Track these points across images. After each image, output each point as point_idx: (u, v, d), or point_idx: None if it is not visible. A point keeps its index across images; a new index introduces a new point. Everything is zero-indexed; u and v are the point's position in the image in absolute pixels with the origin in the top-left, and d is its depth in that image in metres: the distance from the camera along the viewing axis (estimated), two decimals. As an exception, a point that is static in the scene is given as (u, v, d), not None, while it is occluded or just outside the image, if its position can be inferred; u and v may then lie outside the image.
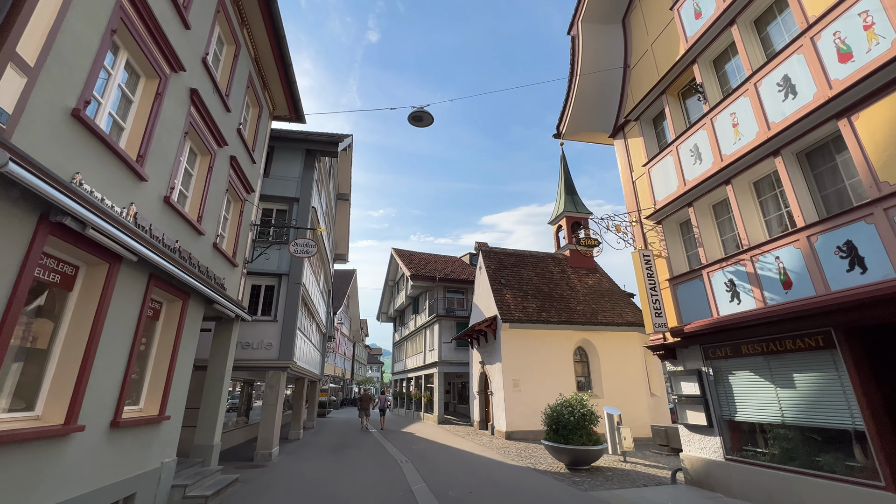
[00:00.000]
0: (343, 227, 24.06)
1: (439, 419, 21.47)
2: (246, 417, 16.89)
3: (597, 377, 16.66)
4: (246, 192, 9.07)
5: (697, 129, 7.36)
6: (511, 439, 14.66)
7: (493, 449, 12.56)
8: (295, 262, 12.31)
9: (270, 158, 13.48)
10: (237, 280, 8.92)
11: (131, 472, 5.18)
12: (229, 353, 8.52)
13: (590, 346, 17.02)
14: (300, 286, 12.17)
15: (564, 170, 22.55)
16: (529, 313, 16.61)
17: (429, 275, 24.75)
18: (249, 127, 9.69)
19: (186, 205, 6.79)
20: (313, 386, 21.72)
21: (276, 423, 10.81)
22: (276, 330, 11.64)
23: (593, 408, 9.60)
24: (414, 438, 15.65)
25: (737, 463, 6.50)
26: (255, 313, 11.92)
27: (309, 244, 9.82)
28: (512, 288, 17.88)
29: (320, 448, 13.16)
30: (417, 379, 26.93)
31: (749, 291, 6.22)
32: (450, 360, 22.65)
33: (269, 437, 10.64)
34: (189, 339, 6.70)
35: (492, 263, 18.99)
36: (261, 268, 12.08)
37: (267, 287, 12.27)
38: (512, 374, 15.62)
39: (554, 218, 21.77)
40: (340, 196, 22.85)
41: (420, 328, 26.45)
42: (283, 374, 11.45)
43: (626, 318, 17.61)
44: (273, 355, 11.38)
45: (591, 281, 19.54)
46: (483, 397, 18.43)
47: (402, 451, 12.40)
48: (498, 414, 15.77)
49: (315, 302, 16.86)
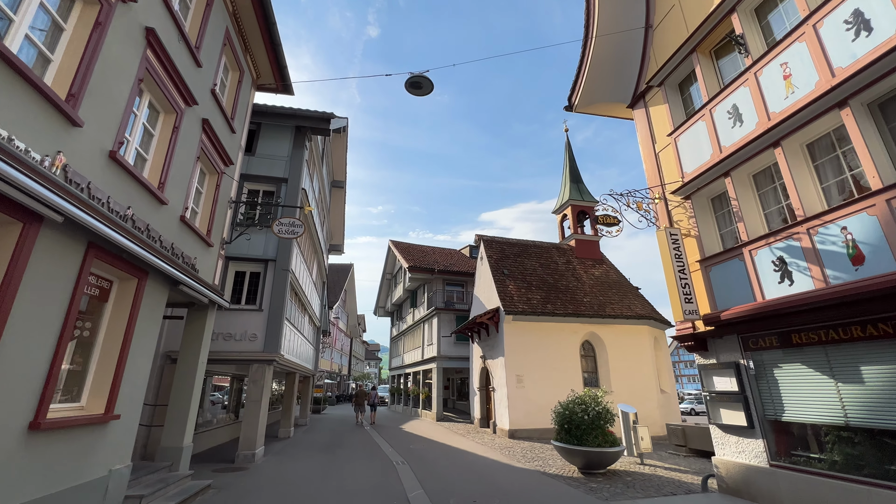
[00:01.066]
0: (338, 216, 23.07)
1: (438, 416, 20.61)
2: (235, 415, 15.98)
3: (604, 373, 15.77)
4: (223, 163, 8.08)
5: (737, 86, 6.41)
6: (515, 438, 13.78)
7: (497, 449, 11.66)
8: (283, 247, 11.35)
9: (257, 136, 12.49)
10: (213, 262, 7.96)
11: (63, 485, 4.24)
12: (203, 344, 7.56)
13: (597, 339, 16.13)
14: (288, 273, 11.21)
15: (569, 157, 21.60)
16: (534, 305, 15.70)
17: (427, 267, 23.81)
18: (228, 93, 8.69)
19: (146, 169, 5.81)
20: (306, 381, 20.81)
21: (260, 420, 9.88)
22: (261, 320, 10.69)
23: (609, 405, 8.70)
24: (411, 437, 14.76)
25: (786, 470, 5.59)
26: (238, 302, 10.97)
27: (295, 224, 8.85)
28: (515, 279, 16.96)
29: (311, 447, 12.25)
30: (415, 374, 26.05)
31: (805, 270, 5.29)
32: (449, 354, 21.75)
33: (253, 437, 9.71)
34: (148, 326, 5.74)
35: (494, 253, 18.05)
36: (245, 252, 11.13)
37: (252, 274, 11.31)
38: (515, 369, 14.72)
39: (558, 207, 20.82)
40: (335, 183, 21.85)
41: (418, 322, 25.54)
42: (269, 368, 10.50)
43: (635, 311, 16.71)
44: (257, 347, 10.43)
45: (597, 272, 18.63)
46: (484, 394, 17.54)
47: (398, 451, 11.50)
48: (500, 411, 14.89)
49: (307, 293, 15.90)
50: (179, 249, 6.41)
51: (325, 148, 17.63)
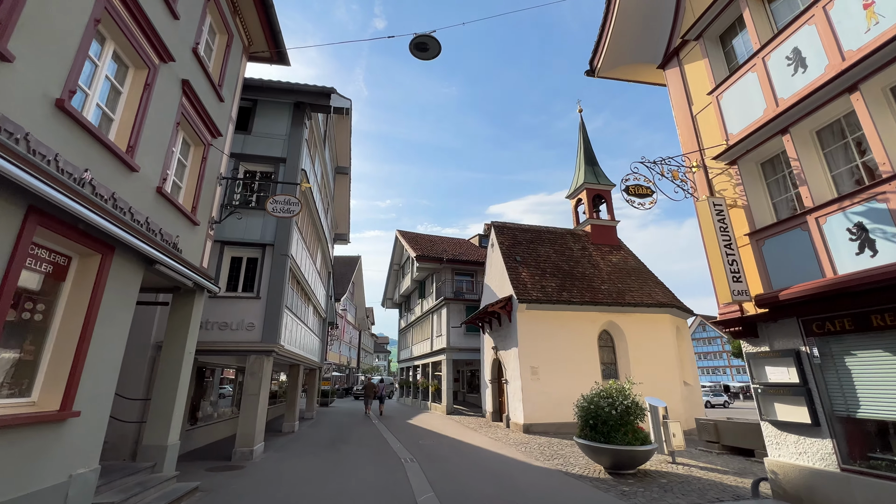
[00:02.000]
0: (343, 204, 22.33)
1: (448, 409, 19.93)
2: (239, 408, 15.44)
3: (624, 364, 14.90)
4: (210, 134, 7.31)
5: (799, 26, 5.45)
6: (530, 433, 13.01)
7: (512, 445, 10.91)
8: (281, 230, 10.61)
9: (253, 114, 11.73)
10: (200, 242, 7.22)
11: (7, 494, 3.54)
12: (189, 333, 6.86)
13: (616, 329, 15.24)
14: (287, 258, 10.48)
15: (584, 138, 20.55)
16: (549, 293, 14.83)
17: (435, 256, 23.03)
18: (216, 57, 7.89)
19: (112, 130, 5.06)
20: (312, 374, 20.26)
21: (258, 415, 9.22)
22: (258, 308, 9.99)
23: (637, 398, 7.85)
24: (420, 431, 14.08)
25: (863, 476, 4.72)
26: (234, 289, 10.29)
27: (291, 202, 8.08)
28: (528, 265, 16.09)
29: (315, 443, 11.61)
30: (424, 367, 25.40)
31: (893, 237, 4.37)
32: (459, 346, 21.01)
33: (251, 433, 9.05)
34: (117, 311, 5.01)
35: (505, 240, 17.18)
36: (242, 236, 10.42)
37: (249, 260, 10.61)
38: (530, 360, 13.91)
39: (573, 191, 19.83)
40: (339, 170, 21.06)
41: (427, 313, 24.82)
42: (268, 360, 9.82)
43: (656, 299, 15.77)
44: (255, 337, 9.75)
45: (615, 258, 17.68)
46: (496, 386, 16.79)
47: (406, 447, 10.80)
48: (514, 405, 14.12)
49: (310, 282, 15.21)
50: (157, 225, 5.67)
51: (327, 131, 16.83)
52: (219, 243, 10.26)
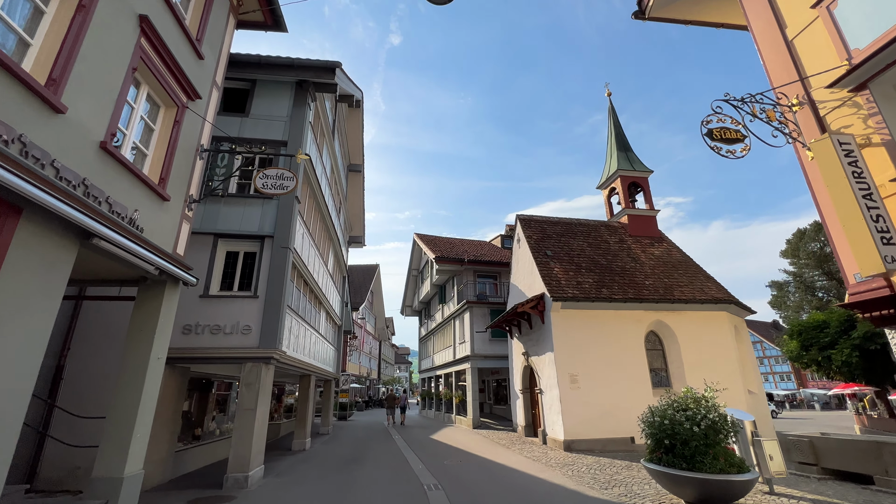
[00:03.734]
0: (356, 204, 21.15)
1: (475, 423, 18.20)
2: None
3: (677, 369, 12.96)
4: (184, 93, 6.08)
5: None
6: (572, 451, 11.22)
7: (554, 467, 9.18)
8: (282, 220, 9.34)
9: (251, 95, 10.61)
10: (171, 223, 5.94)
11: None
12: (157, 334, 5.53)
13: (665, 329, 13.34)
14: (288, 251, 9.17)
15: (614, 123, 18.85)
16: (586, 290, 13.10)
17: (456, 257, 21.53)
18: (194, 8, 6.70)
19: (28, 57, 3.81)
20: (328, 386, 18.90)
21: (255, 434, 7.82)
22: (256, 309, 8.68)
23: (721, 409, 6.09)
24: (445, 448, 12.45)
25: None
26: (230, 288, 9.02)
27: (284, 176, 6.76)
28: (560, 260, 14.40)
29: (325, 464, 10.14)
30: (447, 376, 23.74)
31: None
32: (484, 353, 19.33)
33: (245, 455, 7.65)
34: (29, 297, 3.68)
35: (533, 233, 15.56)
36: (237, 228, 9.20)
37: (247, 255, 9.35)
38: (568, 366, 12.16)
39: (605, 180, 18.09)
40: (352, 167, 19.94)
41: (448, 319, 23.26)
42: (268, 368, 8.47)
43: (710, 294, 13.81)
44: (251, 342, 8.41)
45: (657, 251, 15.80)
46: (529, 396, 15.03)
47: (429, 469, 9.22)
48: (551, 418, 12.35)
49: (321, 285, 13.93)
50: (100, 191, 4.38)
51: (336, 121, 15.69)
52: (211, 236, 9.07)
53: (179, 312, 8.31)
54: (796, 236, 33.54)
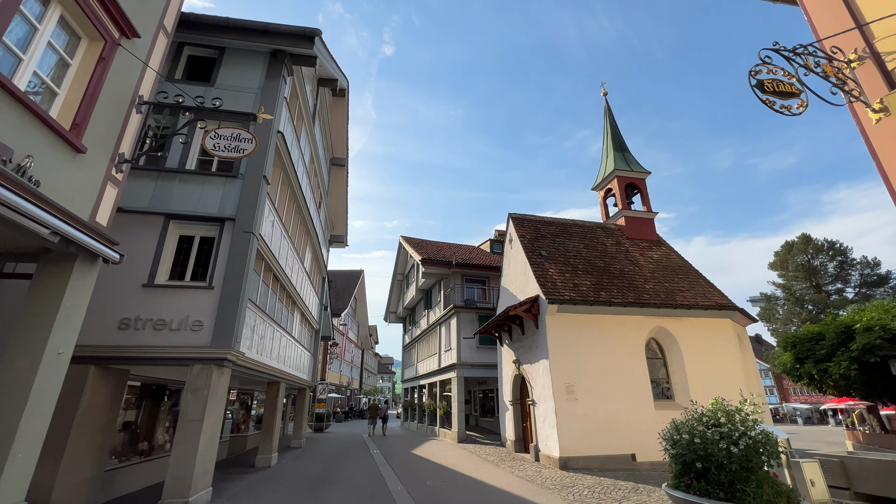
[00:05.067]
0: (339, 201, 19.96)
1: (460, 436, 16.94)
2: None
3: (679, 380, 12.04)
4: (116, 27, 4.92)
5: None
6: (568, 469, 10.11)
7: (552, 489, 8.05)
8: (246, 200, 8.15)
9: (219, 63, 9.47)
10: (89, 182, 4.72)
11: None
12: (58, 322, 4.27)
13: (667, 337, 12.44)
14: (252, 236, 7.97)
15: (610, 122, 18.19)
16: (583, 292, 12.14)
17: (443, 260, 20.44)
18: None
19: None
20: (302, 395, 17.45)
21: (199, 451, 6.52)
22: (209, 301, 7.42)
23: (758, 421, 5.08)
24: (427, 465, 11.21)
25: None
26: (181, 277, 7.76)
27: (241, 137, 5.62)
28: (556, 261, 13.45)
29: (290, 485, 8.82)
30: (431, 386, 22.46)
31: None
32: (471, 361, 18.17)
33: (186, 477, 6.33)
34: None
35: (526, 233, 14.61)
36: (193, 208, 7.98)
37: (204, 240, 8.11)
38: (564, 375, 11.12)
39: (600, 181, 17.33)
40: (335, 161, 18.81)
41: (433, 325, 22.07)
42: (221, 372, 7.19)
43: (713, 300, 13.00)
44: (202, 340, 7.14)
45: (656, 255, 15.00)
46: (519, 408, 13.91)
47: (410, 493, 8.00)
48: (545, 432, 11.24)
49: (295, 282, 12.67)
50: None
51: (318, 108, 14.60)
52: (161, 216, 7.82)
53: (117, 304, 7.05)
54: (784, 249, 33.51)
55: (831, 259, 31.62)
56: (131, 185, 7.88)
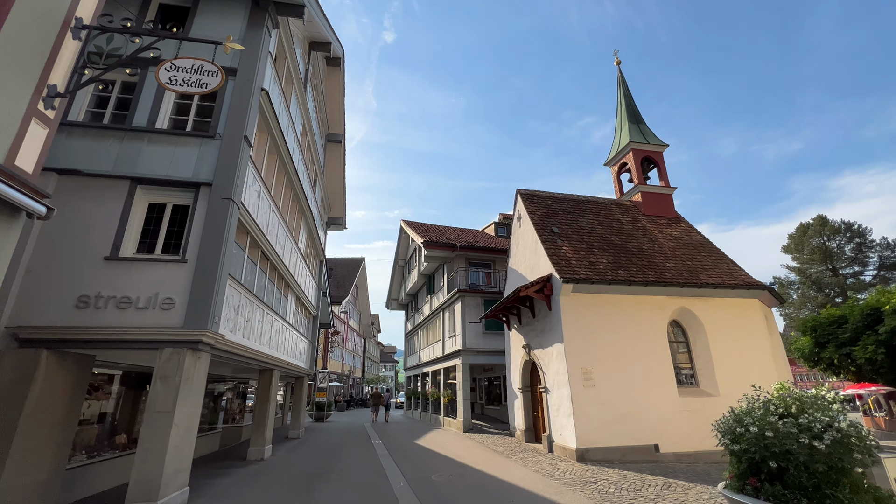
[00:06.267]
0: (336, 180, 18.91)
1: (466, 426, 16.16)
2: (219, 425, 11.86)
3: (704, 365, 11.12)
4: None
5: None
6: (585, 461, 9.26)
7: (573, 486, 7.18)
8: (225, 163, 7.15)
9: (193, 12, 8.40)
10: (11, 115, 3.74)
11: None
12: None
13: (690, 319, 11.49)
14: (232, 204, 6.99)
15: (625, 93, 17.02)
16: (600, 271, 11.17)
17: (446, 242, 19.46)
18: None
19: None
20: (300, 383, 16.66)
21: (170, 448, 5.64)
22: (182, 276, 6.48)
23: (842, 412, 4.14)
24: (433, 457, 10.38)
25: None
26: (151, 250, 6.81)
27: (204, 69, 4.62)
28: (569, 238, 12.46)
29: (282, 481, 7.99)
30: (435, 374, 21.67)
31: None
32: (476, 347, 17.30)
33: (154, 477, 5.45)
34: None
35: (537, 209, 13.60)
36: (165, 172, 6.99)
37: (178, 209, 7.14)
38: (580, 360, 10.21)
39: (614, 156, 16.24)
40: (331, 137, 17.74)
41: (437, 311, 21.18)
42: (196, 356, 6.29)
43: (740, 278, 12.02)
44: (173, 320, 6.22)
45: (675, 232, 13.98)
46: (529, 396, 13.05)
47: (413, 488, 7.15)
48: (560, 421, 10.38)
49: (289, 264, 11.74)
50: None
51: (310, 75, 13.50)
52: (127, 181, 6.84)
53: (74, 279, 6.12)
54: (799, 231, 32.28)
55: (849, 241, 30.46)
56: (91, 145, 6.91)
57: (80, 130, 7.00)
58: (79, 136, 6.94)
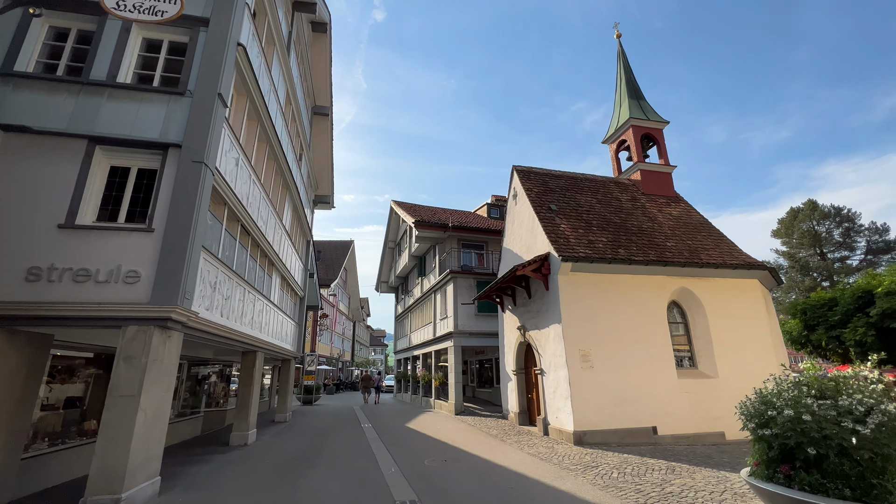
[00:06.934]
0: (324, 155, 18.07)
1: (457, 408, 15.87)
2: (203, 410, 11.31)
3: (703, 347, 10.86)
4: None
5: None
6: (584, 445, 8.97)
7: (574, 470, 6.84)
8: (196, 123, 6.42)
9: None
10: None
11: None
12: None
13: (690, 299, 11.18)
14: (204, 167, 6.29)
15: (625, 67, 16.39)
16: (600, 249, 10.74)
17: (438, 222, 18.85)
18: None
19: None
20: (287, 366, 16.13)
21: (135, 436, 5.08)
22: (149, 248, 5.82)
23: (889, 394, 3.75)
24: (424, 441, 10.02)
25: None
26: (113, 218, 6.12)
27: (160, -4, 3.89)
28: (567, 216, 11.98)
29: (265, 468, 7.51)
30: (426, 357, 21.33)
31: None
32: (469, 329, 16.92)
33: (118, 467, 4.91)
34: None
35: (534, 186, 13.05)
36: (128, 132, 6.25)
37: (144, 173, 6.43)
38: (578, 341, 9.84)
39: (613, 132, 15.69)
40: (317, 110, 16.84)
41: (428, 292, 20.70)
42: (166, 336, 5.69)
43: (741, 258, 11.72)
44: (139, 295, 5.58)
45: (675, 211, 13.59)
46: (523, 378, 12.73)
47: (405, 473, 6.74)
48: (556, 404, 10.06)
49: (273, 240, 11.07)
50: None
51: (294, 38, 12.58)
52: (84, 140, 6.10)
53: (24, 249, 5.43)
54: (790, 215, 32.41)
55: (837, 225, 30.69)
56: (42, 99, 6.13)
57: (28, 83, 6.20)
58: (27, 89, 6.15)
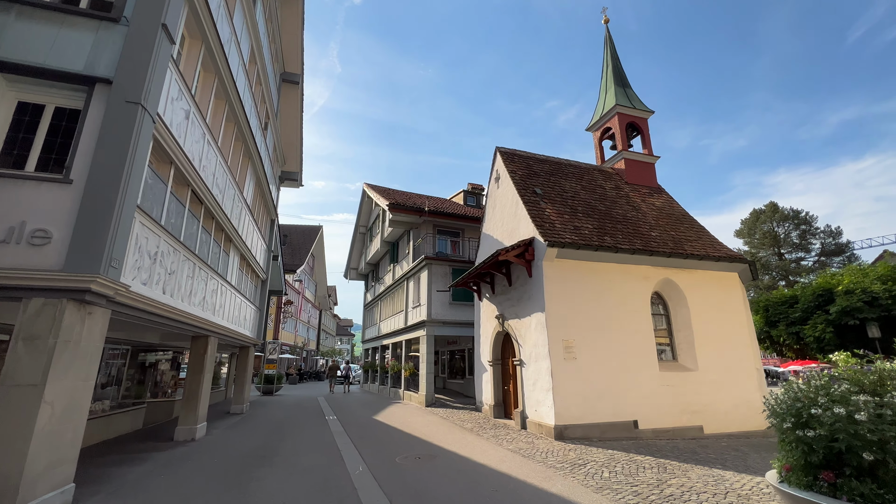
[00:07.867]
0: (292, 128, 16.73)
1: (428, 400, 15.20)
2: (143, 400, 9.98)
3: (684, 339, 10.64)
4: None
5: None
6: (565, 439, 8.48)
7: (559, 469, 6.29)
8: (133, 56, 5.28)
9: None
10: None
11: None
12: None
13: (673, 290, 10.93)
14: (143, 112, 5.18)
15: (611, 53, 15.97)
16: (586, 236, 10.26)
17: (413, 206, 17.97)
18: None
19: None
20: (245, 353, 14.91)
21: (36, 434, 4.04)
22: (65, 203, 4.70)
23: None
24: (395, 435, 9.26)
25: None
26: (20, 165, 4.93)
27: None
28: (553, 201, 11.43)
29: (212, 467, 6.53)
30: (395, 346, 20.51)
31: None
32: (442, 318, 16.23)
33: (11, 475, 3.86)
34: None
35: (518, 168, 12.42)
36: (42, 60, 5.03)
37: (63, 113, 5.24)
38: (562, 331, 9.33)
39: (598, 120, 15.27)
40: (287, 77, 15.50)
41: (400, 280, 19.83)
42: (84, 312, 4.62)
43: (723, 251, 11.58)
44: (49, 261, 4.48)
45: (658, 202, 13.35)
46: (500, 370, 12.18)
47: (374, 473, 5.97)
48: (536, 396, 9.54)
49: (230, 214, 9.90)
50: None
51: (263, -10, 11.28)
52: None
53: None
54: (752, 216, 33.79)
55: (796, 227, 32.21)
56: (-75, 8, 4.81)
57: None
58: None
